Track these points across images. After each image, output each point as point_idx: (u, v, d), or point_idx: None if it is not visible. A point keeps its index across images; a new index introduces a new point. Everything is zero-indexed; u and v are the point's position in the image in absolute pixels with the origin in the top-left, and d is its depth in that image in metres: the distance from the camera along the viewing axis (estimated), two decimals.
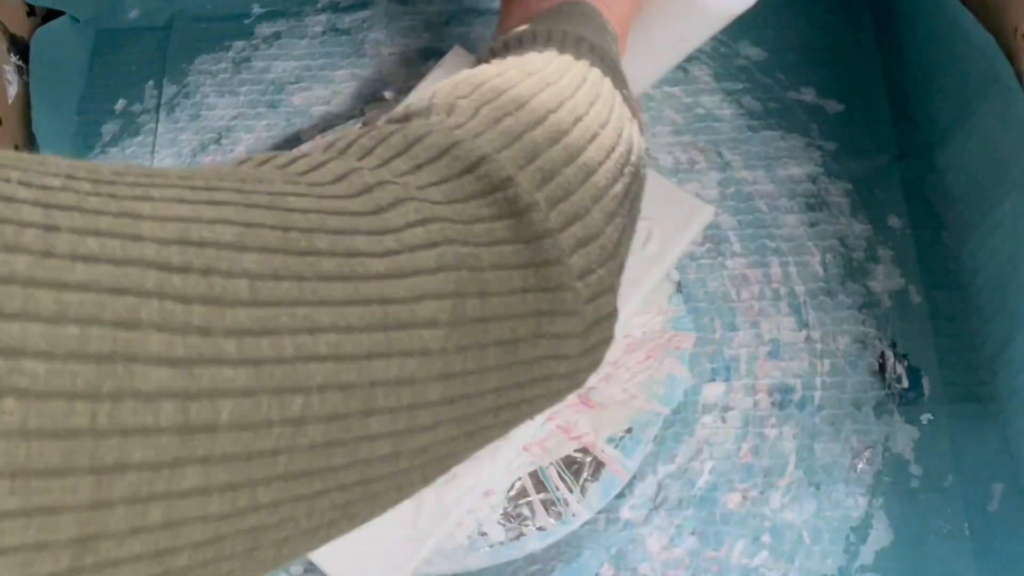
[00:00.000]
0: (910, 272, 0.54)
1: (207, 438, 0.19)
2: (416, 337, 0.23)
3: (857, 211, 0.56)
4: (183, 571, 0.20)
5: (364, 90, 0.63)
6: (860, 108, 0.59)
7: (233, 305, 0.20)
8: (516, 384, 0.27)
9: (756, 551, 0.49)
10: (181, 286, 0.19)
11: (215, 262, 0.20)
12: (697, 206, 0.54)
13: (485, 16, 0.64)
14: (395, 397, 0.23)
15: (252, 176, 0.23)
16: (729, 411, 0.52)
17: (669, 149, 0.59)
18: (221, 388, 0.19)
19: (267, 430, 0.20)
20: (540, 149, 0.28)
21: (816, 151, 0.58)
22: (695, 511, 0.50)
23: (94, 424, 0.17)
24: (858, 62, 0.60)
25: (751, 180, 0.58)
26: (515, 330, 0.26)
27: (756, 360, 0.53)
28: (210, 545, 0.20)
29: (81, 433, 0.17)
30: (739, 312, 0.55)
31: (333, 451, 0.22)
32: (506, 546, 0.49)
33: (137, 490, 0.18)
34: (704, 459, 0.51)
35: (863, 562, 0.49)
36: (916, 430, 0.51)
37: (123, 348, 0.18)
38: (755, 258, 0.56)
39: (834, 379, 0.52)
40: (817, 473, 0.51)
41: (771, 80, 0.60)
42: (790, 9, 0.62)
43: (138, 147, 0.63)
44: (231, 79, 0.65)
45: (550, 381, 0.29)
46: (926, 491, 0.50)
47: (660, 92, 0.61)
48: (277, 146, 0.62)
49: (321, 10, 0.66)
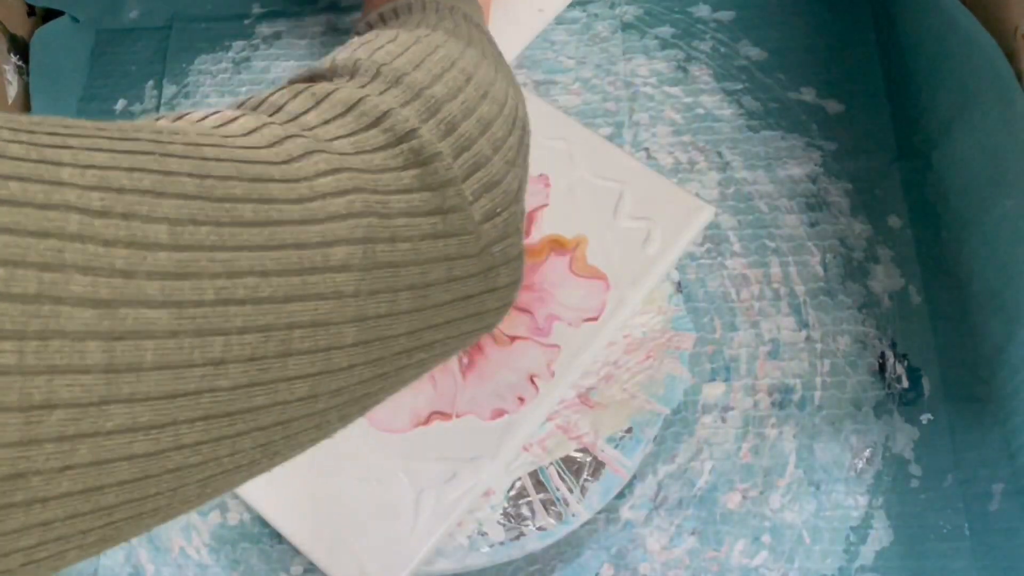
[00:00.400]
0: (910, 272, 0.54)
1: (132, 378, 0.19)
2: (330, 281, 0.24)
3: (857, 211, 0.56)
4: (111, 509, 0.20)
5: None
6: (860, 108, 0.59)
7: (154, 248, 0.20)
8: (429, 327, 0.29)
9: (756, 551, 0.49)
10: (103, 229, 0.19)
11: (135, 207, 0.20)
12: (697, 206, 0.54)
13: None
14: (312, 339, 0.24)
15: (168, 128, 0.24)
16: (729, 411, 0.52)
17: (669, 149, 0.59)
18: (145, 329, 0.20)
19: (190, 371, 0.21)
20: (440, 104, 0.30)
21: (816, 151, 0.58)
22: (695, 511, 0.50)
23: (21, 363, 0.17)
24: (858, 62, 0.60)
25: (751, 180, 0.58)
26: (425, 275, 0.28)
27: (756, 360, 0.53)
28: (136, 483, 0.21)
29: (9, 371, 0.17)
30: (739, 312, 0.55)
31: (253, 392, 0.23)
32: (506, 546, 0.49)
33: (65, 428, 0.18)
34: (704, 459, 0.51)
35: (863, 562, 0.49)
36: (916, 430, 0.51)
37: (48, 290, 0.18)
38: (755, 258, 0.56)
39: (834, 379, 0.52)
40: (817, 473, 0.51)
41: (771, 80, 0.60)
42: (790, 9, 0.62)
43: None
44: (231, 79, 0.65)
45: (462, 322, 0.31)
46: (926, 491, 0.50)
47: (660, 92, 0.61)
48: None
49: (321, 10, 0.66)
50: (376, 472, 0.49)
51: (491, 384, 0.51)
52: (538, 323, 0.52)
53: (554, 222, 0.54)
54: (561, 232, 0.54)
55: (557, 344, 0.51)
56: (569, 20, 0.64)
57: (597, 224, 0.54)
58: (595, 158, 0.55)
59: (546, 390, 0.50)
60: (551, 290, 0.52)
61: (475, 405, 0.50)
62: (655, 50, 0.62)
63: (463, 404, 0.50)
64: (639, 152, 0.59)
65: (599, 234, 0.53)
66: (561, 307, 0.52)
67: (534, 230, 0.54)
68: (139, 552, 0.52)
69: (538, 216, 0.54)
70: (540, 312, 0.52)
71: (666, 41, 0.62)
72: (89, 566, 0.52)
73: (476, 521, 0.49)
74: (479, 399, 0.50)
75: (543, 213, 0.54)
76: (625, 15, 0.63)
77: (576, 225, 0.54)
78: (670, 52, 0.62)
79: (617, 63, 0.62)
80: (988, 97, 0.50)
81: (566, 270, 0.53)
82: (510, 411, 0.50)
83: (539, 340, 0.51)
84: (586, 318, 0.52)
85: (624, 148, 0.58)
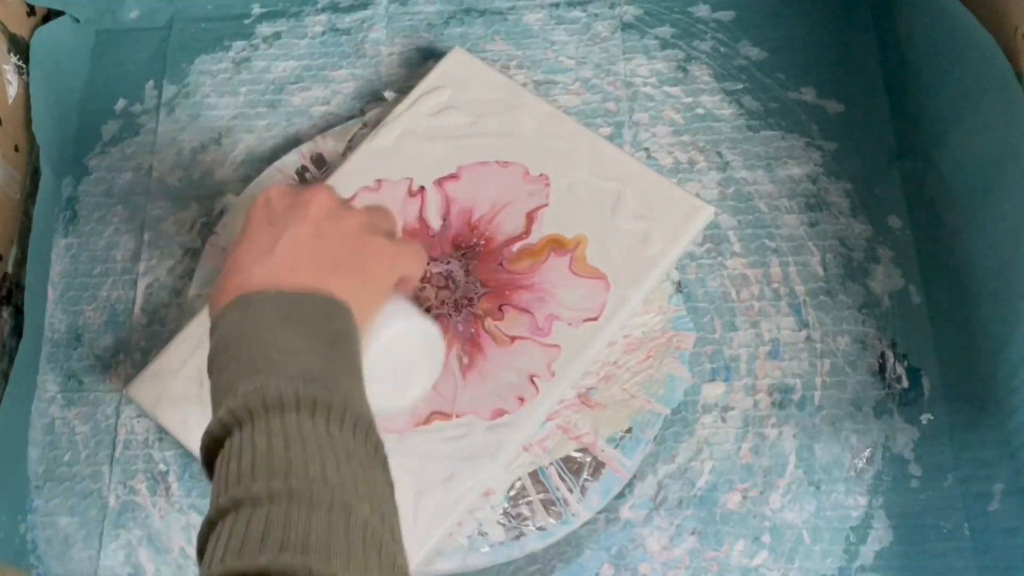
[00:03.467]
0: (910, 272, 0.54)
1: None
2: None
3: (857, 211, 0.56)
4: None
5: (364, 90, 0.63)
6: (860, 108, 0.59)
7: None
8: None
9: (756, 551, 0.49)
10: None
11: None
12: (697, 206, 0.54)
13: (485, 16, 0.64)
14: None
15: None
16: (729, 411, 0.52)
17: (669, 149, 0.59)
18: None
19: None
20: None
21: (816, 151, 0.58)
22: (695, 511, 0.50)
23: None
24: (858, 62, 0.60)
25: (751, 180, 0.58)
26: None
27: (756, 360, 0.53)
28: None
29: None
30: (739, 312, 0.55)
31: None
32: (506, 546, 0.49)
33: None
34: (704, 459, 0.51)
35: (863, 562, 0.49)
36: (916, 430, 0.51)
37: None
38: (755, 258, 0.56)
39: (834, 379, 0.52)
40: (817, 473, 0.51)
41: (771, 80, 0.60)
42: (790, 9, 0.62)
43: (138, 147, 0.63)
44: (231, 79, 0.65)
45: None
46: (926, 491, 0.50)
47: (660, 92, 0.61)
48: (277, 146, 0.62)
49: (321, 10, 0.66)
50: None
51: (491, 384, 0.51)
52: (538, 323, 0.52)
53: (554, 222, 0.54)
54: (561, 232, 0.54)
55: (557, 344, 0.51)
56: (569, 20, 0.64)
57: (597, 224, 0.54)
58: (595, 158, 0.55)
59: (546, 390, 0.50)
60: (551, 290, 0.52)
61: (475, 405, 0.50)
62: (655, 50, 0.62)
63: (463, 404, 0.50)
64: (639, 152, 0.59)
65: (599, 234, 0.53)
66: (561, 307, 0.52)
67: (534, 230, 0.54)
68: (139, 552, 0.52)
69: (538, 216, 0.54)
70: (540, 312, 0.52)
71: (666, 41, 0.62)
72: (89, 566, 0.52)
73: (476, 521, 0.49)
74: (479, 399, 0.50)
75: (543, 213, 0.54)
76: (625, 15, 0.63)
77: (576, 225, 0.54)
78: (670, 52, 0.62)
79: (617, 63, 0.62)
80: (988, 97, 0.50)
81: (566, 270, 0.53)
82: (510, 411, 0.50)
83: (539, 340, 0.51)
84: (586, 318, 0.51)
85: (624, 148, 0.58)
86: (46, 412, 0.56)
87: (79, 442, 0.55)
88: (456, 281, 0.53)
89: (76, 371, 0.57)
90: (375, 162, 0.57)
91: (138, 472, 0.54)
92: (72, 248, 0.61)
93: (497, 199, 0.55)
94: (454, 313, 0.53)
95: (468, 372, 0.51)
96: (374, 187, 0.56)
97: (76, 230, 0.61)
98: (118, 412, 0.56)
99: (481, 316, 0.52)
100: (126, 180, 0.62)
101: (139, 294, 0.59)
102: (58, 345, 0.58)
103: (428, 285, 0.53)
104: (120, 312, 0.58)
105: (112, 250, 0.60)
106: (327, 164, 0.59)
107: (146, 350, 0.57)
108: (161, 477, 0.54)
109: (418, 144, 0.57)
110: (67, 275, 0.60)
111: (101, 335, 0.58)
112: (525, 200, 0.55)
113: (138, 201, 0.61)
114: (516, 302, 0.52)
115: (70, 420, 0.56)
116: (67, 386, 0.57)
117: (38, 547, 0.53)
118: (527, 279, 0.53)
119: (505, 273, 0.53)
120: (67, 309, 0.59)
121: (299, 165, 0.59)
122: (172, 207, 0.61)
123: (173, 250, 0.60)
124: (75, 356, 0.58)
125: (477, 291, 0.53)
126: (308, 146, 0.60)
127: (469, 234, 0.54)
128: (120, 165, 0.63)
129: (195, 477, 0.54)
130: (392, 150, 0.57)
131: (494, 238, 0.54)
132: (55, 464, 0.55)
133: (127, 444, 0.55)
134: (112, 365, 0.57)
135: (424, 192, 0.56)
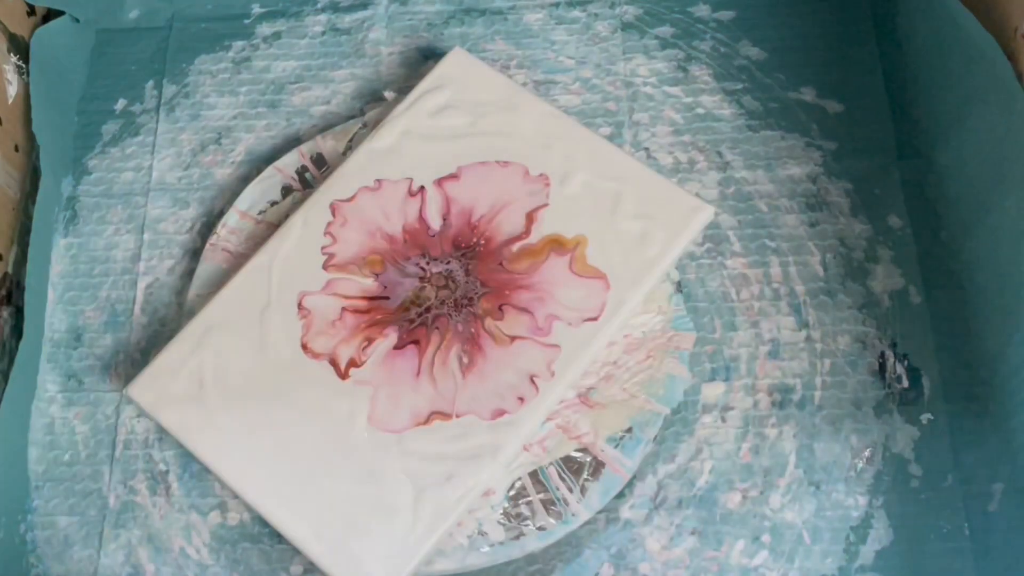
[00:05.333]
0: (910, 272, 0.54)
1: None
2: None
3: (857, 211, 0.56)
4: None
5: (364, 90, 0.63)
6: (860, 108, 0.59)
7: None
8: None
9: (756, 551, 0.49)
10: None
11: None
12: (697, 206, 0.54)
13: (485, 16, 0.64)
14: None
15: None
16: (729, 411, 0.52)
17: (669, 149, 0.59)
18: None
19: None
20: None
21: (816, 151, 0.58)
22: (695, 511, 0.50)
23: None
24: (858, 62, 0.60)
25: (751, 180, 0.58)
26: None
27: (756, 360, 0.53)
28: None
29: None
30: (739, 312, 0.55)
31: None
32: (506, 546, 0.49)
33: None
34: (704, 459, 0.51)
35: (863, 562, 0.49)
36: (916, 430, 0.51)
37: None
38: (755, 258, 0.56)
39: (834, 379, 0.53)
40: (817, 473, 0.51)
41: (771, 80, 0.60)
42: (790, 9, 0.62)
43: (138, 147, 0.63)
44: (231, 79, 0.65)
45: None
46: (926, 491, 0.50)
47: (660, 92, 0.61)
48: (277, 146, 0.62)
49: (321, 10, 0.66)
50: (376, 472, 0.49)
51: (491, 384, 0.51)
52: (538, 323, 0.52)
53: (554, 222, 0.54)
54: (561, 232, 0.54)
55: (557, 344, 0.51)
56: (569, 20, 0.64)
57: (597, 224, 0.54)
58: (595, 158, 0.55)
59: (546, 390, 0.50)
60: (551, 290, 0.52)
61: (475, 405, 0.50)
62: (655, 50, 0.62)
63: (463, 404, 0.50)
64: (639, 152, 0.59)
65: (599, 234, 0.53)
66: (561, 307, 0.52)
67: (534, 230, 0.54)
68: (139, 552, 0.52)
69: (538, 216, 0.54)
70: (540, 312, 0.52)
71: (666, 41, 0.62)
72: (89, 566, 0.52)
73: (476, 521, 0.49)
74: (479, 399, 0.50)
75: (543, 213, 0.54)
76: (625, 15, 0.63)
77: (576, 225, 0.54)
78: (670, 52, 0.62)
79: (617, 63, 0.62)
80: (988, 97, 0.50)
81: (566, 270, 0.53)
82: (510, 411, 0.50)
83: (539, 340, 0.51)
84: (586, 318, 0.52)
85: (624, 148, 0.58)
86: (46, 412, 0.56)
87: (79, 442, 0.56)
88: (456, 281, 0.53)
89: (76, 371, 0.57)
90: (375, 162, 0.57)
91: (138, 472, 0.54)
92: (72, 248, 0.61)
93: (497, 199, 0.55)
94: (454, 313, 0.53)
95: (468, 372, 0.51)
96: (374, 187, 0.56)
97: (76, 230, 0.61)
98: (118, 412, 0.56)
99: (481, 316, 0.52)
100: (126, 180, 0.62)
101: (139, 294, 0.59)
102: (58, 345, 0.58)
103: (428, 285, 0.53)
104: (120, 312, 0.58)
105: (112, 250, 0.60)
106: (327, 164, 0.59)
107: (146, 350, 0.57)
108: (161, 477, 0.54)
109: (418, 144, 0.57)
110: (67, 275, 0.60)
111: (101, 335, 0.58)
112: (525, 200, 0.55)
113: (138, 201, 0.62)
114: (516, 302, 0.52)
115: (70, 420, 0.56)
116: (67, 386, 0.57)
117: (37, 547, 0.53)
118: (527, 279, 0.53)
119: (505, 273, 0.53)
120: (67, 309, 0.59)
121: (299, 165, 0.60)
122: (172, 207, 0.61)
123: (173, 250, 0.60)
124: (75, 356, 0.58)
125: (477, 291, 0.53)
126: (308, 146, 0.60)
127: (469, 234, 0.55)
128: (120, 165, 0.63)
129: (195, 477, 0.54)
130: (392, 150, 0.57)
131: (494, 238, 0.54)
132: (55, 464, 0.55)
133: (127, 444, 0.55)
134: (112, 365, 0.57)
135: (424, 192, 0.56)
